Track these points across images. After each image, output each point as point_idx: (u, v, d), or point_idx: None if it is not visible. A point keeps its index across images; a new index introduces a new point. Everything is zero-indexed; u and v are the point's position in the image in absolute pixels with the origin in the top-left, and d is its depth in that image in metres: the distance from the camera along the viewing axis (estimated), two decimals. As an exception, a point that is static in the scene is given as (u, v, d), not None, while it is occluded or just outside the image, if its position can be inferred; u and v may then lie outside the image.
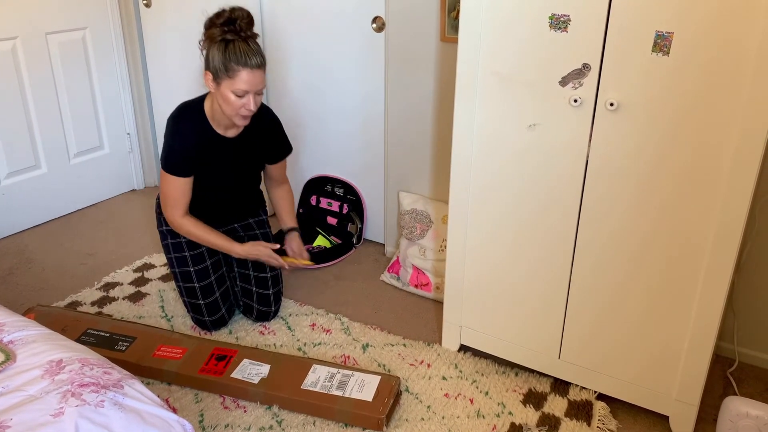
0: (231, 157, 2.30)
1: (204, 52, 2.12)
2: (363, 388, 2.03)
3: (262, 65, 2.08)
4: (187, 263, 2.37)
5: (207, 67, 2.11)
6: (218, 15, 2.08)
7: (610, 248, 1.88)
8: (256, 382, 2.08)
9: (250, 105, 2.10)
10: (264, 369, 2.13)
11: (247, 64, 2.05)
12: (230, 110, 2.12)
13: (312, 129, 3.11)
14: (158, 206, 2.45)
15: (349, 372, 2.10)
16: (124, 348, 2.24)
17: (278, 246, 2.39)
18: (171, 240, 2.39)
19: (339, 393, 2.02)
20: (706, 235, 1.72)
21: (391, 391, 2.02)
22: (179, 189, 2.23)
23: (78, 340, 2.26)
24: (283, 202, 2.56)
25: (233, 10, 2.08)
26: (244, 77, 2.06)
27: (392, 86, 2.71)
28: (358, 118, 2.95)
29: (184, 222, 2.27)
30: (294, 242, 2.50)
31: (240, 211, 2.49)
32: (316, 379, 2.08)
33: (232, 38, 2.06)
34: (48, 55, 3.14)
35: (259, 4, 2.99)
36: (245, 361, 2.16)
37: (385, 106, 2.79)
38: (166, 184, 2.24)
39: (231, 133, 2.27)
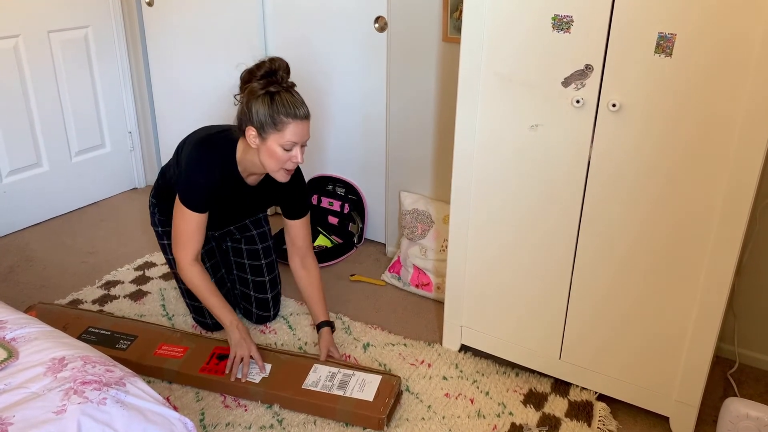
0: (245, 202, 2.25)
1: (244, 106, 2.00)
2: (364, 387, 2.04)
3: (309, 115, 1.98)
4: None
5: (249, 122, 1.98)
6: (258, 66, 2.00)
7: (610, 249, 1.89)
8: (257, 381, 2.08)
9: (298, 157, 2.00)
10: (265, 368, 2.13)
11: (296, 115, 1.95)
12: (275, 165, 2.00)
13: (313, 128, 3.11)
14: (152, 204, 2.42)
15: (350, 371, 2.11)
16: (125, 346, 2.24)
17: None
18: (168, 240, 2.39)
19: (340, 393, 2.02)
20: (708, 237, 1.72)
21: (392, 391, 2.02)
22: (196, 225, 2.10)
23: (79, 338, 2.27)
24: (311, 289, 2.31)
25: (272, 60, 2.00)
26: (293, 129, 1.95)
27: (394, 86, 2.71)
28: (360, 117, 2.95)
29: (192, 270, 2.13)
30: (324, 340, 2.23)
31: (239, 219, 2.46)
32: (317, 378, 2.08)
33: (276, 90, 1.97)
34: (50, 53, 3.14)
35: (261, 4, 2.99)
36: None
37: (386, 105, 2.79)
38: (182, 219, 2.09)
39: (252, 180, 2.18)
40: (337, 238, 3.07)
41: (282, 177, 2.04)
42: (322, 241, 3.05)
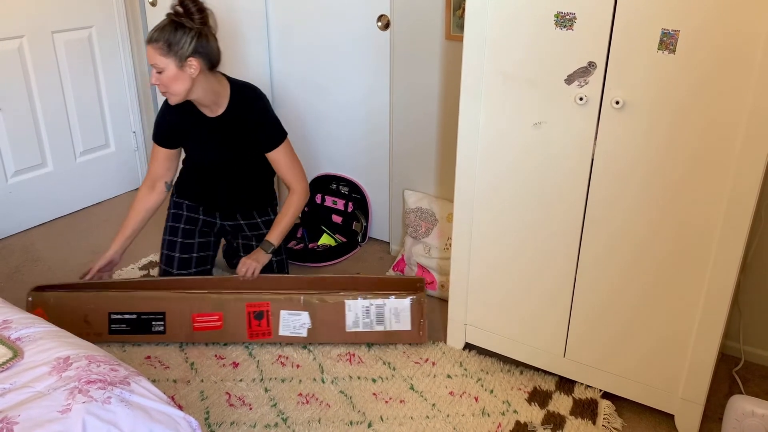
0: (212, 136, 2.36)
1: None
2: (399, 316, 2.23)
3: (151, 41, 2.14)
4: (176, 233, 2.52)
5: None
6: None
7: (614, 247, 1.88)
8: (305, 335, 2.27)
9: (152, 78, 2.19)
10: (304, 318, 2.24)
11: (147, 38, 2.16)
12: None
13: (317, 127, 3.11)
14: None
15: (380, 301, 2.26)
16: (162, 328, 2.29)
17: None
18: (171, 223, 2.54)
19: (380, 328, 2.27)
20: (712, 234, 1.72)
21: (423, 311, 2.27)
22: (155, 158, 2.45)
23: (111, 331, 2.30)
24: (281, 211, 2.46)
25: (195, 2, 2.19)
26: (146, 51, 2.19)
27: (397, 85, 2.71)
28: (363, 116, 2.95)
29: (138, 194, 2.48)
30: (251, 256, 2.38)
31: (242, 201, 2.51)
32: (356, 317, 2.24)
33: (167, 16, 2.18)
34: (54, 53, 3.15)
35: (264, 3, 2.99)
36: (283, 313, 2.26)
37: (390, 104, 2.79)
38: (151, 150, 2.48)
39: (210, 113, 2.34)
40: (341, 236, 3.08)
41: (168, 99, 2.25)
42: (326, 239, 3.06)
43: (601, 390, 2.10)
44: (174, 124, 2.38)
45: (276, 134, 2.40)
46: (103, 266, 2.43)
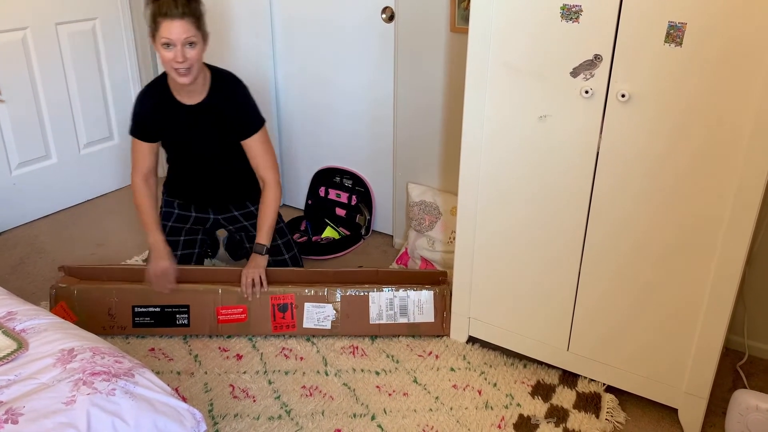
0: (192, 125, 2.30)
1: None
2: (423, 308, 2.26)
3: (185, 15, 2.09)
4: (163, 231, 2.43)
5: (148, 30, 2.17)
6: None
7: (619, 241, 1.88)
8: (329, 327, 2.29)
9: (178, 56, 2.09)
10: (328, 310, 2.26)
11: (167, 14, 2.08)
12: (167, 67, 2.15)
13: (320, 120, 3.10)
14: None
15: (404, 293, 2.29)
16: (186, 321, 2.30)
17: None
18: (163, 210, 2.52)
19: (404, 320, 2.29)
20: (718, 228, 1.71)
21: (446, 303, 2.29)
22: (138, 152, 2.36)
23: (135, 324, 2.31)
24: (260, 211, 2.37)
25: None
26: (166, 26, 2.09)
27: (402, 77, 2.70)
28: (367, 109, 2.94)
29: (138, 186, 2.37)
30: (250, 265, 2.30)
31: (232, 192, 2.48)
32: (379, 309, 2.26)
33: None
34: (58, 45, 3.14)
35: (268, -5, 2.98)
36: (307, 305, 2.28)
37: (394, 97, 2.78)
38: (131, 147, 2.38)
39: (190, 100, 2.27)
40: (345, 229, 3.07)
41: (179, 79, 2.15)
42: (329, 232, 3.06)
43: (604, 384, 2.09)
44: (152, 115, 2.31)
45: (254, 120, 2.33)
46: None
